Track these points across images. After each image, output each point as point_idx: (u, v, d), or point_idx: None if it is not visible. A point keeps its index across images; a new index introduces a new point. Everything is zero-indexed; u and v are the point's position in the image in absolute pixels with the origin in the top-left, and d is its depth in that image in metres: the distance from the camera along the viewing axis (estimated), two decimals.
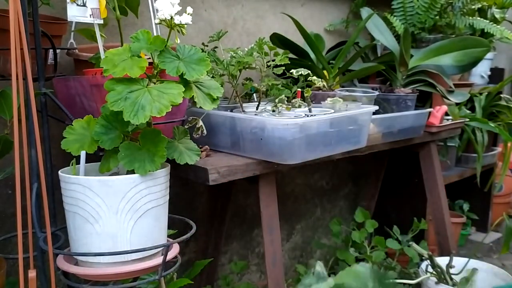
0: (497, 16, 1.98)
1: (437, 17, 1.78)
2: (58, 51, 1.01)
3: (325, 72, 1.46)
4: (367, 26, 1.62)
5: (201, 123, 1.04)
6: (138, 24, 1.29)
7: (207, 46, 1.34)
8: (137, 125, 0.80)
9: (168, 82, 0.81)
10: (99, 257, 0.83)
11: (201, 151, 1.03)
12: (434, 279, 1.39)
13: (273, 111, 1.15)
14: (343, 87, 1.47)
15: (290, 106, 1.16)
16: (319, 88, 1.41)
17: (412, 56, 1.62)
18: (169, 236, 0.95)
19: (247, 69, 1.18)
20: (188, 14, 0.83)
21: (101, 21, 0.92)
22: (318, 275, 0.75)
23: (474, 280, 1.38)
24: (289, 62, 1.18)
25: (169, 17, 0.82)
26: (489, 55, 2.18)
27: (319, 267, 0.78)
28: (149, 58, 0.83)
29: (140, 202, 0.82)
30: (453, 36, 1.78)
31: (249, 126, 1.10)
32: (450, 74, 1.65)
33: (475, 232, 2.47)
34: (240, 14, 1.60)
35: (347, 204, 2.12)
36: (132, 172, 0.81)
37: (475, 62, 1.63)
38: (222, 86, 0.90)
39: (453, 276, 1.41)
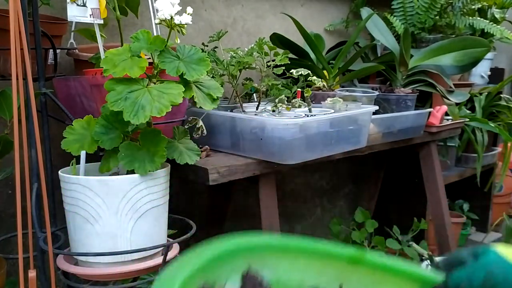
0: (497, 16, 1.98)
1: (437, 17, 1.78)
2: (58, 51, 1.01)
3: (325, 72, 1.46)
4: (367, 26, 1.61)
5: (201, 123, 1.04)
6: (138, 24, 1.29)
7: (207, 46, 1.34)
8: (137, 125, 0.80)
9: (168, 82, 0.81)
10: (99, 257, 0.83)
11: (201, 151, 1.03)
12: None
13: (273, 111, 1.15)
14: (343, 87, 1.47)
15: (290, 106, 1.16)
16: (319, 88, 1.41)
17: (412, 56, 1.62)
18: (169, 236, 0.95)
19: (247, 69, 1.18)
20: (188, 14, 0.83)
21: (101, 21, 0.92)
22: None
23: None
24: (289, 62, 1.17)
25: (169, 17, 0.82)
26: (489, 55, 2.18)
27: None
28: (149, 58, 0.83)
29: (140, 202, 0.82)
30: (453, 36, 1.78)
31: (249, 126, 1.10)
32: (450, 74, 1.65)
33: (475, 232, 2.46)
34: (240, 14, 1.60)
35: (347, 204, 2.12)
36: (132, 172, 0.81)
37: (475, 62, 1.63)
38: (222, 86, 0.90)
39: None
